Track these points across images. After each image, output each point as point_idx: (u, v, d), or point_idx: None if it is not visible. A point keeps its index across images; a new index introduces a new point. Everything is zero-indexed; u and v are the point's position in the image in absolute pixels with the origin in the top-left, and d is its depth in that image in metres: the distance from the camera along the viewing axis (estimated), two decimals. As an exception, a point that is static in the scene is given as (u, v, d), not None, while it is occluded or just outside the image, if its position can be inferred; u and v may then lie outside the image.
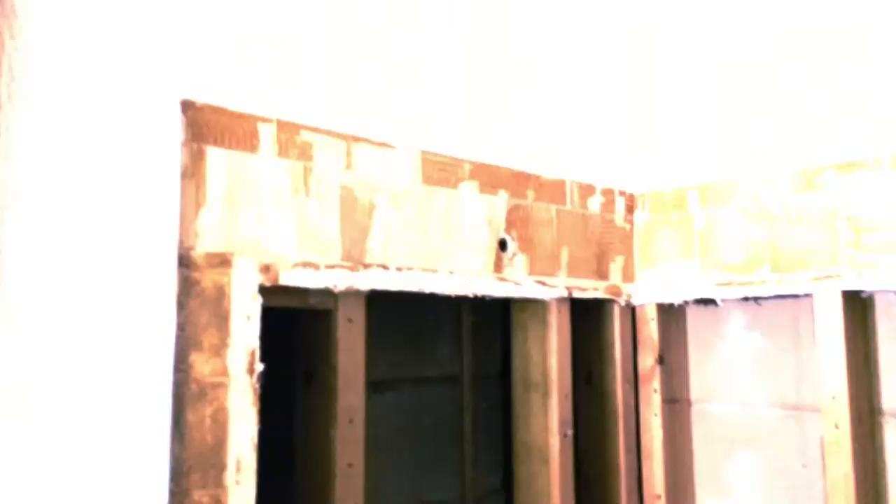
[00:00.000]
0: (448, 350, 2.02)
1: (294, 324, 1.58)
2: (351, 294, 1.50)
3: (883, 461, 1.78)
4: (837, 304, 1.76)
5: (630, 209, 2.14)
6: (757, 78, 2.00)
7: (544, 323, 1.88)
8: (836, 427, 1.72)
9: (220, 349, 1.26)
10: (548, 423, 1.82)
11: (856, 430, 1.72)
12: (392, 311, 1.90)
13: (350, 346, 1.47)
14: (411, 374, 1.95)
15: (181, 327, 1.22)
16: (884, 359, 1.81)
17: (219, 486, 1.22)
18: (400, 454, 1.89)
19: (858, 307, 1.82)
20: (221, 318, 1.28)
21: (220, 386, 1.24)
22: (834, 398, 1.73)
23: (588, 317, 2.06)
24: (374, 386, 1.84)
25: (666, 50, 2.20)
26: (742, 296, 1.93)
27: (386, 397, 1.87)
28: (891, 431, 1.78)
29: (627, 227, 2.12)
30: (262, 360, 1.32)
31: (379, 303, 1.63)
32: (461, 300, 2.02)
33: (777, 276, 1.85)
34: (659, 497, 1.99)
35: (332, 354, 1.47)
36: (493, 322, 2.11)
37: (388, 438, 1.88)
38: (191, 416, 1.21)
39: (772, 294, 1.89)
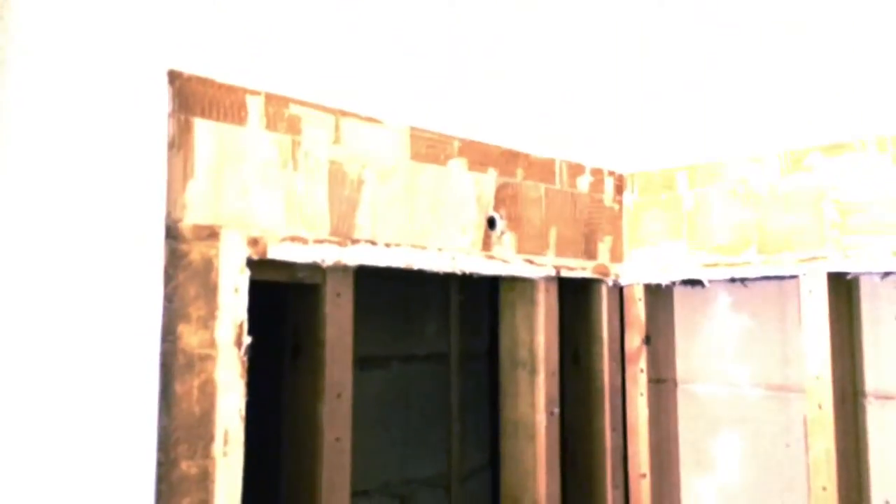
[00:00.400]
0: (436, 328, 2.03)
1: (282, 298, 1.58)
2: (339, 269, 1.49)
3: (865, 441, 1.80)
4: (823, 285, 1.77)
5: (619, 189, 2.14)
6: (745, 59, 2.01)
7: (532, 301, 1.88)
8: (820, 407, 1.74)
9: (207, 321, 1.25)
10: (535, 400, 1.83)
11: (839, 411, 1.74)
12: (380, 289, 1.90)
13: (338, 320, 1.47)
14: (399, 351, 1.96)
15: (169, 299, 1.21)
16: (867, 340, 1.83)
17: (206, 457, 1.22)
18: (387, 431, 1.89)
19: (843, 289, 1.84)
20: (209, 291, 1.27)
21: (208, 358, 1.24)
22: (818, 378, 1.75)
23: (576, 296, 2.07)
24: (362, 362, 1.84)
25: (655, 30, 2.20)
26: (729, 277, 1.94)
27: (373, 374, 1.88)
28: (873, 412, 1.80)
29: (616, 207, 2.12)
30: (250, 333, 1.31)
31: (367, 280, 1.63)
32: (449, 278, 2.03)
33: (763, 258, 1.87)
34: (644, 475, 2.00)
35: (319, 329, 1.47)
36: (481, 300, 2.12)
37: (375, 415, 1.88)
38: (178, 388, 1.21)
39: (758, 275, 1.90)
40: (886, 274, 1.79)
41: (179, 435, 1.19)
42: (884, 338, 1.81)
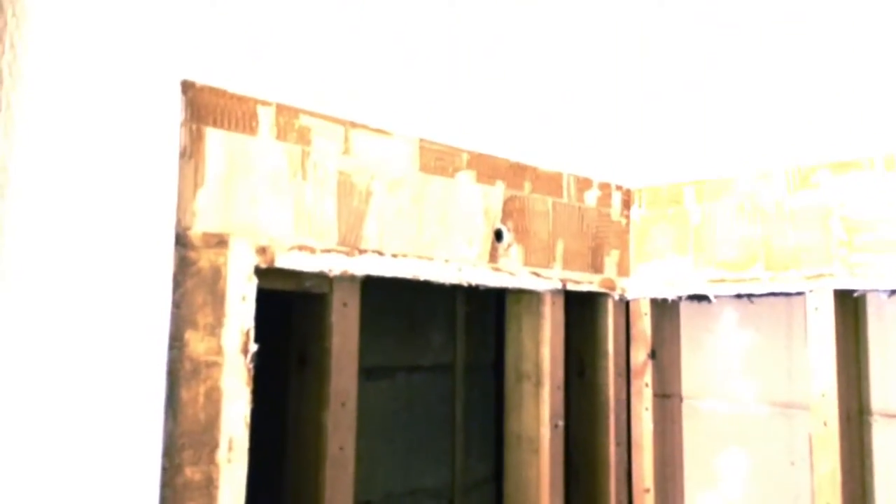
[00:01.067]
0: (442, 339, 2.03)
1: (289, 307, 1.59)
2: (346, 279, 1.50)
3: (870, 460, 1.79)
4: (829, 302, 1.77)
5: (626, 204, 2.15)
6: (754, 75, 2.01)
7: (538, 314, 1.89)
8: (825, 425, 1.73)
9: (215, 328, 1.26)
10: (539, 413, 1.83)
11: (844, 429, 1.73)
12: (387, 299, 1.91)
13: (344, 329, 1.48)
14: (405, 361, 1.96)
15: (177, 305, 1.23)
16: (873, 358, 1.83)
17: (211, 464, 1.23)
18: (392, 441, 1.90)
19: (850, 306, 1.83)
20: (217, 298, 1.28)
21: (215, 365, 1.25)
22: (823, 396, 1.74)
23: (582, 310, 2.07)
24: (368, 372, 1.84)
25: (663, 45, 2.21)
26: (735, 293, 1.94)
27: (379, 384, 1.88)
28: (878, 430, 1.79)
29: (623, 221, 2.13)
30: (257, 341, 1.32)
31: (373, 290, 1.64)
32: (456, 289, 2.03)
33: (770, 274, 1.87)
34: (648, 490, 2.00)
35: (325, 338, 1.48)
36: (487, 312, 2.12)
37: (380, 425, 1.89)
38: (184, 394, 1.22)
39: (765, 292, 1.90)
40: (893, 292, 1.78)
41: (184, 441, 1.20)
42: (890, 356, 1.80)
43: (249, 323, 1.31)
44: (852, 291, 1.80)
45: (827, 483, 1.71)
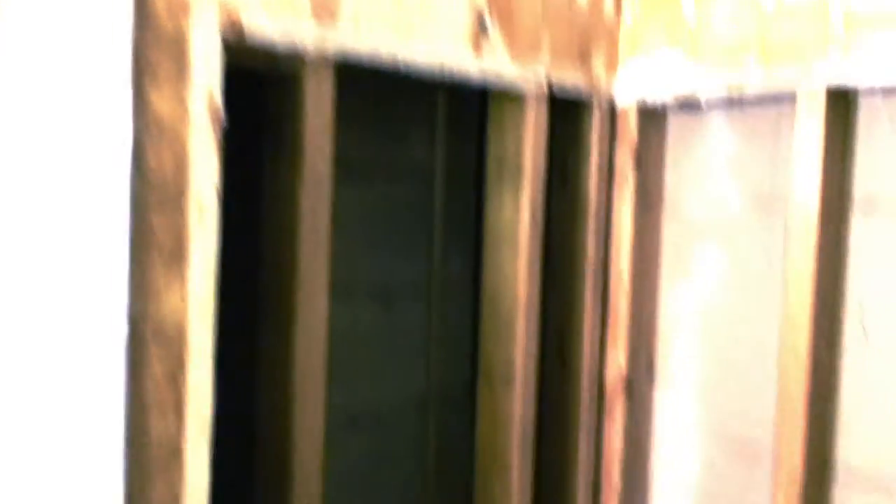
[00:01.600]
0: (422, 143, 2.00)
1: (263, 98, 1.54)
2: (320, 61, 1.45)
3: (845, 259, 1.81)
4: (821, 100, 1.73)
5: (618, 3, 2.05)
6: None
7: (522, 114, 1.84)
8: (804, 219, 1.74)
9: (181, 91, 1.22)
10: (519, 209, 1.82)
11: (824, 224, 1.74)
12: (365, 104, 1.86)
13: (318, 109, 1.44)
14: (384, 164, 1.94)
15: (139, 65, 1.17)
16: (860, 160, 1.81)
17: (181, 228, 1.22)
18: (371, 243, 1.91)
19: (842, 106, 1.79)
20: (182, 64, 1.23)
21: (181, 126, 1.21)
22: (805, 196, 1.74)
23: (567, 116, 2.02)
24: (346, 174, 1.82)
25: None
26: (726, 93, 1.89)
27: (358, 187, 1.87)
28: (856, 223, 1.79)
29: (614, 20, 2.04)
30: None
31: (351, 91, 1.59)
32: (437, 91, 1.98)
33: (763, 71, 1.81)
34: (623, 281, 2.03)
35: (300, 119, 1.44)
36: (469, 120, 2.07)
37: (359, 228, 1.89)
38: (150, 154, 1.19)
39: (757, 92, 1.85)
40: (887, 91, 1.74)
41: (152, 200, 1.18)
42: (877, 156, 1.78)
43: (217, 89, 1.26)
44: (845, 90, 1.75)
45: (800, 277, 1.73)
